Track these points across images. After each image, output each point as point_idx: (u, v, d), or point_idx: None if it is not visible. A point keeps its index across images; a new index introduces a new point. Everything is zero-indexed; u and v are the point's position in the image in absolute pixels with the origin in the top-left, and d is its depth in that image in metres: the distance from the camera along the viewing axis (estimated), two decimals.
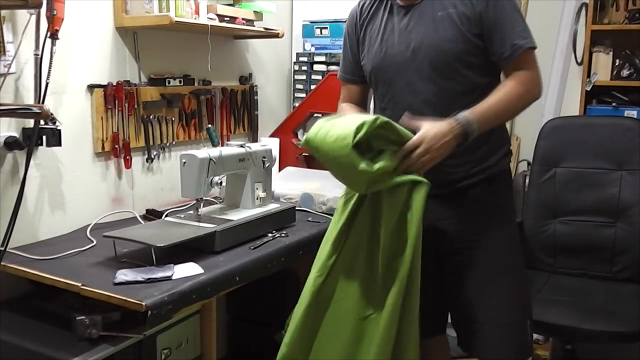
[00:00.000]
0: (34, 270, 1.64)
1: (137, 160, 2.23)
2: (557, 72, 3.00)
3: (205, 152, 1.85)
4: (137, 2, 2.07)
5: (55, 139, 1.82)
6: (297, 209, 2.16)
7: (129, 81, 2.15)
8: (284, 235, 1.98)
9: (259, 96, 2.80)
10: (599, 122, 2.54)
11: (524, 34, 1.59)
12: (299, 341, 1.58)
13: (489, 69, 1.64)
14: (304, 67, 2.94)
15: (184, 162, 1.83)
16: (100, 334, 1.52)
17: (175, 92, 2.32)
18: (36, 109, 1.64)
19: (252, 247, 1.84)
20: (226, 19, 2.35)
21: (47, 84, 1.79)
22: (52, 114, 1.75)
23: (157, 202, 2.31)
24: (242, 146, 2.01)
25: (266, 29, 2.55)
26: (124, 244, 1.74)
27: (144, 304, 1.42)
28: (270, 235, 1.96)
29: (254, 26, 2.51)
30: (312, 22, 2.94)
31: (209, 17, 2.26)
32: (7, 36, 1.73)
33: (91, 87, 2.02)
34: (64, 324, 1.55)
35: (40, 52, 1.78)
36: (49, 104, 1.81)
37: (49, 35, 1.77)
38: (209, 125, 2.44)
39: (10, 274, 1.69)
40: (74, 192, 2.01)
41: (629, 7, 2.76)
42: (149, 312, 1.42)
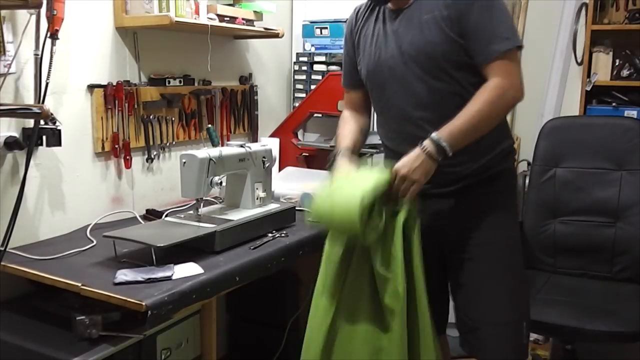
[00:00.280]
0: (34, 270, 1.64)
1: (137, 160, 2.23)
2: (557, 72, 3.00)
3: (205, 152, 1.85)
4: (137, 2, 2.07)
5: (55, 139, 1.82)
6: (297, 209, 2.16)
7: (129, 81, 2.15)
8: (284, 235, 1.98)
9: (259, 96, 2.80)
10: (599, 122, 2.53)
11: (505, 35, 1.55)
12: None
13: (478, 70, 1.62)
14: (304, 67, 2.94)
15: (184, 162, 1.83)
16: (100, 334, 1.52)
17: (175, 92, 2.32)
18: (36, 109, 1.64)
19: (252, 247, 1.84)
20: (226, 19, 2.35)
21: (47, 84, 1.79)
22: (52, 114, 1.75)
23: (157, 202, 2.31)
24: (242, 146, 2.01)
25: (266, 29, 2.55)
26: (124, 244, 1.74)
27: (144, 304, 1.42)
28: (270, 235, 1.96)
29: (254, 26, 2.51)
30: (312, 22, 2.94)
31: (209, 17, 2.26)
32: (7, 36, 1.73)
33: (91, 87, 2.02)
34: (64, 324, 1.55)
35: (40, 52, 1.78)
36: (49, 104, 1.82)
37: (49, 35, 1.77)
38: (209, 125, 2.44)
39: (10, 274, 1.69)
40: (74, 192, 2.01)
41: (629, 7, 2.76)
42: (149, 312, 1.42)
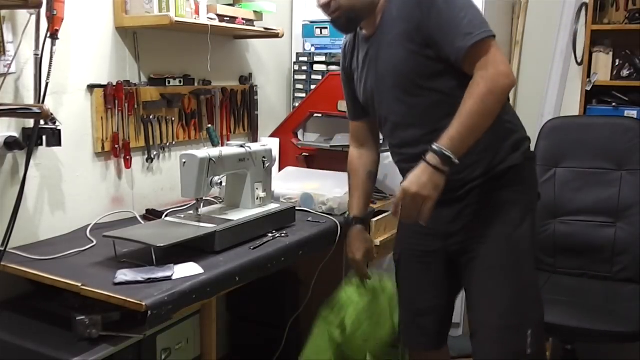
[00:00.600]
0: (34, 270, 1.64)
1: (137, 160, 2.23)
2: (557, 72, 3.00)
3: (205, 152, 1.85)
4: (137, 2, 2.07)
5: (55, 139, 1.82)
6: (297, 209, 2.16)
7: (129, 81, 2.15)
8: (284, 235, 1.98)
9: (259, 96, 2.80)
10: (599, 122, 2.53)
11: (469, 29, 1.48)
12: None
13: (458, 71, 1.56)
14: (304, 67, 2.93)
15: (184, 162, 1.83)
16: (100, 334, 1.51)
17: (175, 92, 2.32)
18: (36, 109, 1.64)
19: (252, 247, 1.84)
20: (226, 19, 2.35)
21: (47, 84, 1.79)
22: (52, 114, 1.75)
23: (157, 202, 2.31)
24: (242, 146, 2.01)
25: (266, 29, 2.55)
26: (124, 244, 1.74)
27: (144, 304, 1.42)
28: (270, 235, 1.96)
29: (254, 26, 2.51)
30: (312, 22, 2.93)
31: (209, 17, 2.26)
32: (7, 36, 1.73)
33: (91, 87, 2.02)
34: (64, 324, 1.55)
35: (40, 52, 1.78)
36: (49, 104, 1.81)
37: (49, 35, 1.77)
38: (209, 125, 2.44)
39: (10, 274, 1.69)
40: (74, 192, 2.01)
41: (629, 7, 2.76)
42: (149, 312, 1.42)
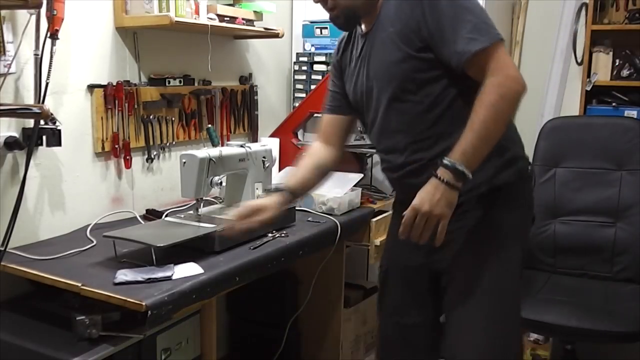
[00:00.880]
0: (34, 270, 1.64)
1: (137, 160, 2.23)
2: (557, 72, 3.00)
3: (205, 152, 1.85)
4: (137, 2, 2.07)
5: (55, 139, 1.82)
6: (297, 209, 2.16)
7: (129, 81, 2.15)
8: (284, 235, 1.98)
9: (259, 96, 2.80)
10: (599, 122, 2.53)
11: (474, 33, 1.37)
12: None
13: (455, 77, 1.45)
14: (304, 67, 2.93)
15: (184, 162, 1.83)
16: (100, 334, 1.51)
17: (175, 92, 2.32)
18: (36, 109, 1.64)
19: (252, 247, 1.84)
20: (226, 19, 2.35)
21: (47, 84, 1.79)
22: (52, 114, 1.75)
23: (157, 202, 2.31)
24: (242, 146, 2.01)
25: (266, 29, 2.55)
26: (124, 244, 1.74)
27: (144, 304, 1.42)
28: (270, 235, 1.96)
29: (254, 26, 2.51)
30: (312, 22, 2.94)
31: (209, 17, 2.26)
32: (7, 36, 1.73)
33: (91, 87, 2.02)
34: (64, 324, 1.55)
35: (40, 52, 1.78)
36: (49, 104, 1.81)
37: (49, 35, 1.77)
38: (209, 125, 2.44)
39: (10, 274, 1.69)
40: (74, 192, 2.01)
41: (629, 7, 2.77)
42: (149, 312, 1.42)
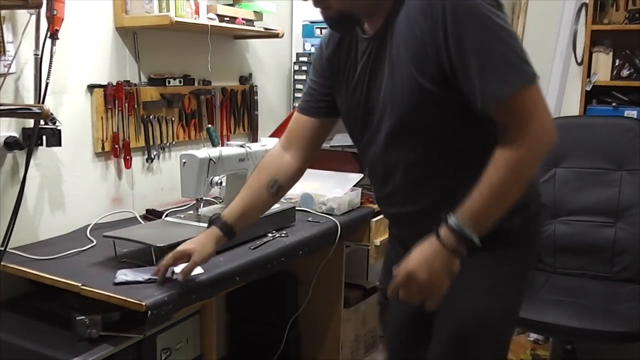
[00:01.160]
0: (34, 270, 1.64)
1: (137, 160, 2.23)
2: (557, 72, 3.00)
3: (205, 152, 1.85)
4: (137, 2, 2.07)
5: (55, 139, 1.82)
6: (297, 209, 2.16)
7: (129, 81, 2.15)
8: (284, 235, 1.98)
9: (259, 96, 2.80)
10: (599, 122, 2.53)
11: (508, 74, 1.06)
12: None
13: (474, 120, 1.15)
14: (304, 67, 2.93)
15: (184, 162, 1.83)
16: (100, 334, 1.51)
17: (175, 92, 2.32)
18: (36, 109, 1.64)
19: (252, 247, 1.84)
20: (226, 19, 2.35)
21: (47, 84, 1.79)
22: (52, 114, 1.75)
23: (157, 202, 2.31)
24: (242, 146, 2.01)
25: (266, 29, 2.55)
26: (124, 244, 1.74)
27: (144, 304, 1.42)
28: (270, 235, 1.96)
29: (254, 26, 2.51)
30: (312, 22, 2.94)
31: (209, 17, 2.26)
32: (7, 36, 1.73)
33: (91, 87, 2.02)
34: (64, 324, 1.55)
35: (40, 52, 1.78)
36: (49, 104, 1.81)
37: (49, 35, 1.77)
38: (209, 125, 2.44)
39: (10, 274, 1.69)
40: (74, 192, 2.01)
41: (629, 7, 2.77)
42: (149, 312, 1.42)
